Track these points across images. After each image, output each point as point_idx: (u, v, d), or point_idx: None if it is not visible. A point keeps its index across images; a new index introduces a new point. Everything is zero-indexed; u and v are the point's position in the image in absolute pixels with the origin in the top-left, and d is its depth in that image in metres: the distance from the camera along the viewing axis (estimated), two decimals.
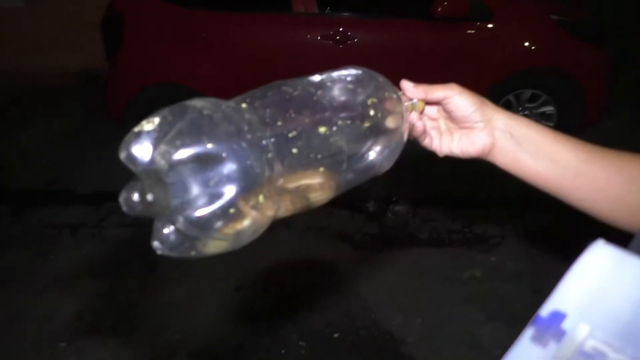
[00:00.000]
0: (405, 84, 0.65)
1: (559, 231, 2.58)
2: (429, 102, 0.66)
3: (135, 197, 0.40)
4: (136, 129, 0.41)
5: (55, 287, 2.48)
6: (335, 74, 0.56)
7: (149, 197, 0.40)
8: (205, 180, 0.40)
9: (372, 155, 0.56)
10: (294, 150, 0.47)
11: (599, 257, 0.34)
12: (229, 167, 0.40)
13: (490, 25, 3.63)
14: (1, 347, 2.09)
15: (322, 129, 0.50)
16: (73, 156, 3.93)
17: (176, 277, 2.47)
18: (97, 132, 4.10)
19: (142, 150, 0.40)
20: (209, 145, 0.40)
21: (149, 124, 0.41)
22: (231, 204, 0.41)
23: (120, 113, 3.70)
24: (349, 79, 0.56)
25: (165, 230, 0.41)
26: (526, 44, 3.68)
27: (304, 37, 3.70)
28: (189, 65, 3.71)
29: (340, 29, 3.63)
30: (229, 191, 0.40)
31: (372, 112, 0.55)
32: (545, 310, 0.32)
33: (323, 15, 3.80)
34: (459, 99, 0.63)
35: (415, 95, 0.64)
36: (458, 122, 0.66)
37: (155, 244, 0.42)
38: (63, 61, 5.45)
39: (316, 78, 0.55)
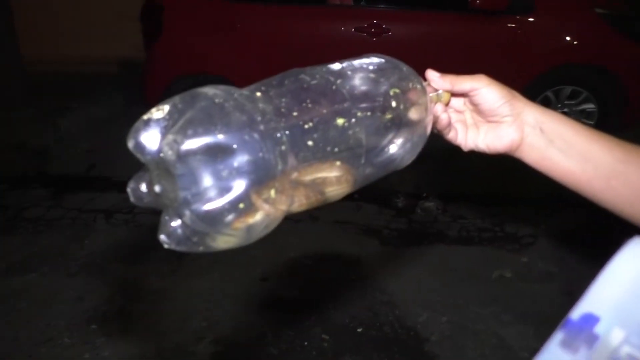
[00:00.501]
0: (431, 74, 0.62)
1: (595, 232, 2.49)
2: (455, 94, 0.62)
3: (143, 187, 0.38)
4: (145, 117, 0.39)
5: (89, 270, 2.56)
6: (357, 62, 0.53)
7: (157, 188, 0.38)
8: (214, 172, 0.38)
9: (393, 148, 0.53)
10: (310, 143, 0.45)
11: (636, 256, 0.31)
12: (240, 160, 0.38)
13: (531, 19, 3.52)
14: (35, 327, 2.17)
15: (340, 121, 0.48)
16: (110, 143, 4.02)
17: (204, 265, 2.50)
18: (134, 120, 4.14)
19: (150, 139, 0.38)
20: (220, 136, 0.38)
21: (159, 112, 0.39)
22: (241, 198, 0.38)
23: (157, 102, 3.77)
24: (371, 67, 0.53)
25: (173, 224, 0.39)
26: (568, 38, 3.55)
27: (338, 30, 3.68)
28: (225, 57, 3.76)
29: (375, 22, 3.59)
30: (239, 185, 0.38)
31: (394, 104, 0.52)
32: (577, 312, 0.30)
33: (358, 8, 3.77)
34: (487, 91, 0.60)
35: (441, 86, 0.61)
36: (485, 116, 0.62)
37: (162, 237, 0.40)
38: (103, 50, 5.60)
39: (336, 66, 0.52)
